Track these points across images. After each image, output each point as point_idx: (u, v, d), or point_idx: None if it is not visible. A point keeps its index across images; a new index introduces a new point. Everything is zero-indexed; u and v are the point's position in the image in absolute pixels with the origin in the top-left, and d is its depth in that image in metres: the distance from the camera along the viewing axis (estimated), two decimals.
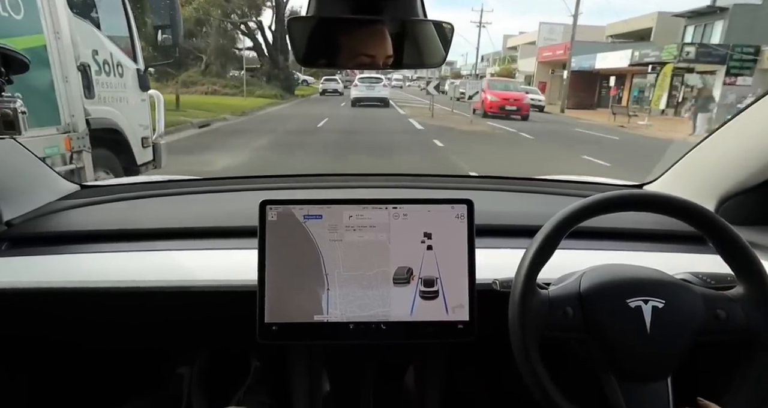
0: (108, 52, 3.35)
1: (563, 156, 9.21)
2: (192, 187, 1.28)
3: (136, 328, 1.01)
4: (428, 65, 0.79)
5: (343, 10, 0.71)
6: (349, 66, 0.77)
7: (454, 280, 0.83)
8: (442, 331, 0.82)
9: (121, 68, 3.52)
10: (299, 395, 0.99)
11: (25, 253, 0.94)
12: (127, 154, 3.65)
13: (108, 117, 3.34)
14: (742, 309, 0.70)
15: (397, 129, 12.11)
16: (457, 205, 0.84)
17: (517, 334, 0.70)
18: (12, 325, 0.97)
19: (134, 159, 3.73)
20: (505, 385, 1.25)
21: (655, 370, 0.71)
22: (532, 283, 0.71)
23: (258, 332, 0.80)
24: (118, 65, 3.47)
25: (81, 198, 1.15)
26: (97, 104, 3.18)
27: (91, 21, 3.23)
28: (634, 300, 0.70)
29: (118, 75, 3.50)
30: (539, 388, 0.69)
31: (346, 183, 1.35)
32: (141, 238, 0.99)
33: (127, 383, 1.30)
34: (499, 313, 0.74)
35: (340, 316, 0.82)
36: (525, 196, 1.30)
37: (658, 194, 0.74)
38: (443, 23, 0.74)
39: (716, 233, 0.71)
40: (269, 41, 25.68)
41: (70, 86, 2.89)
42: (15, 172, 1.04)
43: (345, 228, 0.83)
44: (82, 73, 2.99)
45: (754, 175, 0.96)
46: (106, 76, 3.31)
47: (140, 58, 3.85)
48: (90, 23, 3.18)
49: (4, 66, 0.77)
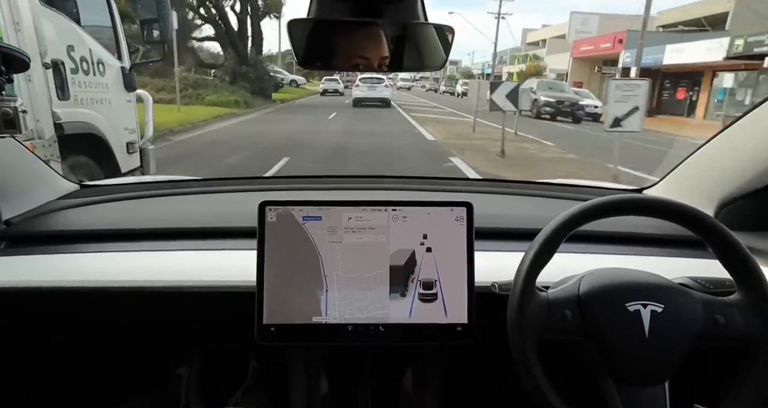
0: (87, 49, 2.99)
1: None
2: (191, 188, 1.28)
3: (134, 328, 1.01)
4: (429, 68, 0.79)
5: (343, 13, 0.71)
6: (348, 68, 0.78)
7: (453, 282, 0.83)
8: (440, 334, 0.82)
9: (102, 66, 3.18)
10: (297, 396, 0.98)
11: (24, 252, 0.94)
12: (109, 161, 3.27)
13: (86, 121, 2.98)
14: (740, 314, 0.70)
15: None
16: (456, 208, 0.84)
17: (516, 336, 0.70)
18: (11, 325, 0.97)
19: (118, 166, 3.35)
20: (503, 387, 1.24)
21: (653, 375, 0.71)
22: (531, 286, 0.71)
23: (256, 333, 0.80)
24: (98, 63, 3.13)
25: (80, 197, 1.15)
26: (73, 106, 2.83)
27: (68, 13, 2.88)
28: (633, 304, 0.70)
29: (99, 73, 3.15)
30: (537, 391, 0.69)
31: (345, 184, 1.35)
32: (140, 237, 0.99)
33: (126, 383, 1.30)
34: (498, 315, 0.74)
35: (338, 318, 0.82)
36: (524, 200, 1.30)
37: (658, 199, 0.74)
38: (444, 26, 0.75)
39: (715, 238, 0.71)
40: (233, 28, 19.75)
41: (34, 86, 2.51)
42: (14, 171, 1.04)
43: (344, 229, 0.83)
44: (54, 71, 2.66)
45: (753, 180, 0.96)
46: (84, 75, 2.96)
47: (125, 55, 3.53)
48: (65, 16, 2.83)
49: (4, 64, 0.77)
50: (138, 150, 3.67)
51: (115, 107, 3.37)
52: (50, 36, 2.64)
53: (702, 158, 1.09)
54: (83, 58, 2.96)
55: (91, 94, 3.06)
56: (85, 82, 2.99)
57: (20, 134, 0.83)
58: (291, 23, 0.72)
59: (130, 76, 3.54)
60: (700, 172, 1.10)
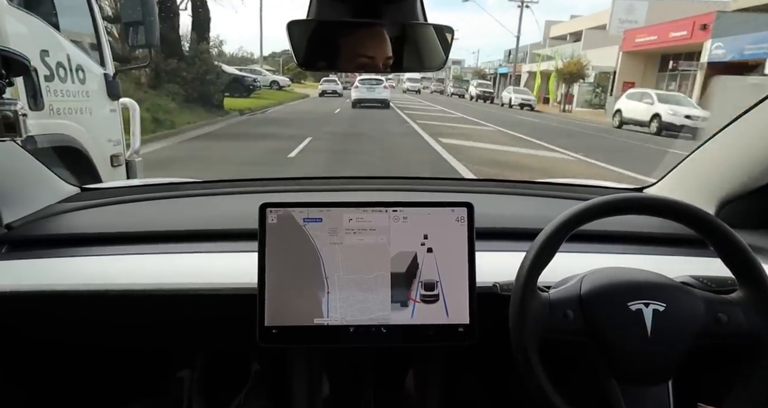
0: (64, 54, 2.74)
1: None
2: (192, 190, 1.28)
3: (136, 331, 1.01)
4: (428, 68, 0.79)
5: (343, 13, 0.71)
6: (347, 69, 0.78)
7: (454, 283, 0.82)
8: (442, 335, 0.82)
9: (82, 73, 2.91)
10: (299, 398, 0.98)
11: (25, 256, 0.94)
12: (90, 176, 3.05)
13: (63, 132, 2.71)
14: (743, 312, 0.70)
15: None
16: (457, 208, 0.83)
17: (518, 337, 0.70)
18: (12, 328, 0.97)
19: (100, 181, 3.09)
20: (506, 388, 1.24)
21: (656, 374, 0.71)
22: (532, 286, 0.71)
23: (258, 335, 0.80)
24: (78, 69, 2.87)
25: (81, 201, 1.15)
26: (48, 117, 2.63)
27: (43, 16, 2.65)
28: (635, 303, 0.70)
29: (79, 81, 2.88)
30: (540, 392, 0.69)
31: (345, 186, 1.35)
32: (141, 240, 0.99)
33: (128, 386, 1.29)
34: (499, 316, 0.74)
35: (340, 320, 0.82)
36: (525, 200, 1.30)
37: (659, 198, 0.74)
38: (443, 27, 0.75)
39: (717, 237, 0.71)
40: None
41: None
42: (15, 175, 1.04)
43: (345, 231, 0.83)
44: (24, 78, 2.38)
45: (754, 179, 0.96)
46: (61, 83, 2.69)
47: (109, 61, 3.25)
48: (39, 18, 2.59)
49: (4, 68, 0.77)
50: (123, 163, 3.37)
51: (98, 117, 3.10)
52: (19, 40, 2.37)
53: (703, 157, 1.09)
54: (60, 64, 2.70)
55: (69, 103, 2.80)
56: (63, 91, 2.73)
57: (20, 137, 0.83)
58: (290, 24, 0.72)
59: (115, 84, 3.28)
60: (700, 171, 1.10)
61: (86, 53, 3.06)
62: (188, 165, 7.04)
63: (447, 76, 42.73)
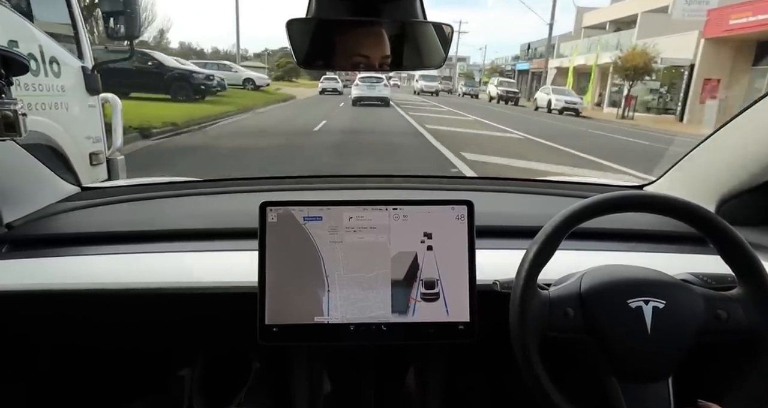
0: (36, 45, 2.55)
1: None
2: (192, 189, 1.28)
3: (137, 330, 1.01)
4: (428, 66, 0.79)
5: (342, 12, 0.71)
6: (347, 67, 0.78)
7: (454, 281, 0.82)
8: (442, 333, 0.82)
9: (57, 66, 2.71)
10: (300, 397, 0.99)
11: (25, 256, 0.94)
12: (68, 175, 2.74)
13: (35, 129, 2.52)
14: (742, 309, 0.70)
15: None
16: (457, 206, 0.83)
17: (518, 334, 0.70)
18: (12, 327, 0.97)
19: (79, 181, 2.90)
20: (506, 386, 1.24)
21: (656, 371, 0.71)
22: (532, 283, 0.71)
23: (258, 334, 0.80)
24: (52, 62, 2.68)
25: (82, 200, 1.15)
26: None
27: (14, 5, 2.53)
28: (635, 300, 0.70)
29: (53, 74, 2.69)
30: (540, 389, 0.69)
31: (346, 184, 1.35)
32: (141, 239, 0.99)
33: (128, 385, 1.30)
34: (499, 314, 0.74)
35: (340, 318, 0.82)
36: (525, 197, 1.30)
37: (659, 195, 0.74)
38: (443, 25, 0.75)
39: (717, 234, 0.71)
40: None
41: None
42: (15, 174, 1.04)
43: (345, 229, 0.83)
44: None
45: (754, 176, 0.96)
46: (33, 77, 2.53)
47: (87, 54, 3.03)
48: (6, 6, 2.45)
49: (3, 68, 0.77)
50: (104, 161, 3.17)
51: (75, 113, 2.90)
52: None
53: (702, 154, 1.09)
54: (31, 56, 2.51)
55: (41, 98, 2.62)
56: (34, 85, 2.56)
57: (20, 137, 0.83)
58: (290, 23, 0.72)
59: (94, 77, 3.05)
60: (700, 169, 1.10)
61: (62, 45, 2.85)
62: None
63: (453, 74, 40.88)
